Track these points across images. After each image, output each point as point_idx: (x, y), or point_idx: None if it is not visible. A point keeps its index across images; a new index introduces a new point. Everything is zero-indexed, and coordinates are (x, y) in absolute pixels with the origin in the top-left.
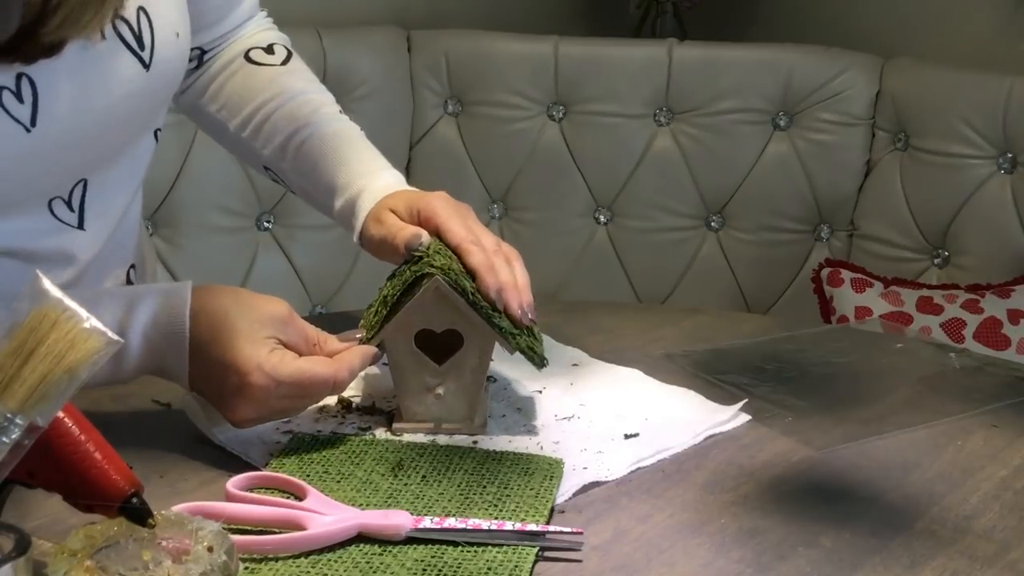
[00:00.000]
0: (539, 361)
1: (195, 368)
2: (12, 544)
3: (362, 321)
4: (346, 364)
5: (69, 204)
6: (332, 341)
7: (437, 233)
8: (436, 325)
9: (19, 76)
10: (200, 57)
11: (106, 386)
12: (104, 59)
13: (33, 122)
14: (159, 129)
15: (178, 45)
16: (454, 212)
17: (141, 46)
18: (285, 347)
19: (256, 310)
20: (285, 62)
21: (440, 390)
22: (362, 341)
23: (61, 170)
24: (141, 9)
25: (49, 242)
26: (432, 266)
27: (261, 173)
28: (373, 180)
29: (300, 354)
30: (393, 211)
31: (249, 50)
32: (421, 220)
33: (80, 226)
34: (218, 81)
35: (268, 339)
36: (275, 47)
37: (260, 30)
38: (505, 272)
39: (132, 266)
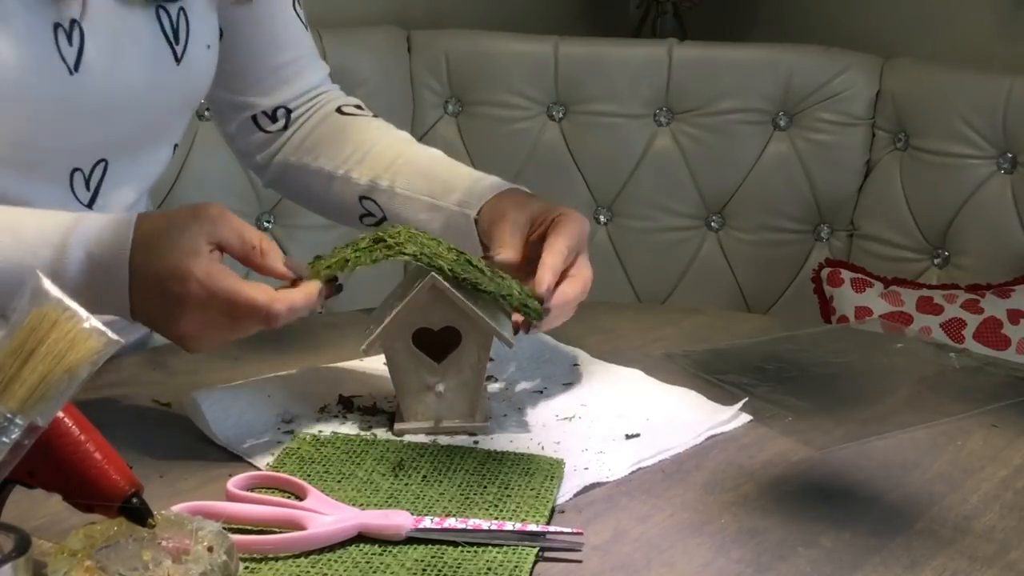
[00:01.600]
0: (535, 313)
1: (137, 291)
2: (12, 544)
3: (310, 264)
4: (285, 298)
5: (88, 181)
6: (274, 256)
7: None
8: (434, 323)
9: (72, 21)
10: (287, 116)
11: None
12: (143, 35)
13: (76, 66)
14: (176, 145)
15: (207, 56)
16: (571, 236)
17: (176, 39)
18: (220, 248)
19: (186, 216)
20: (375, 116)
21: (440, 387)
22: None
23: (90, 134)
24: (181, 9)
25: None
26: (404, 253)
27: (352, 215)
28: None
29: (235, 254)
30: (527, 213)
31: (341, 106)
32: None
33: (89, 205)
34: (315, 134)
35: (203, 244)
36: (362, 107)
37: (343, 96)
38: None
39: None
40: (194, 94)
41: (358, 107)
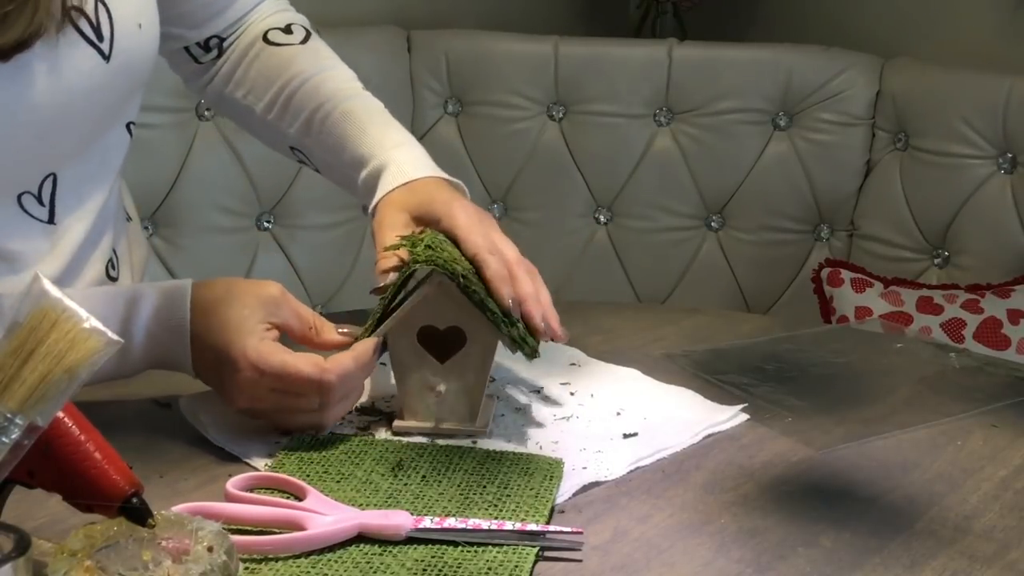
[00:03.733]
0: (530, 352)
1: (197, 357)
2: (12, 544)
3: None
4: (336, 366)
5: (39, 199)
6: (329, 329)
7: (456, 244)
8: (439, 322)
9: None
10: (220, 46)
11: (110, 381)
12: (60, 51)
13: None
14: (132, 123)
15: (140, 35)
16: (476, 223)
17: (100, 37)
18: (278, 328)
19: (247, 295)
20: (304, 41)
21: (441, 388)
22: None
23: (25, 163)
24: (99, 0)
25: (21, 239)
26: (417, 261)
27: (290, 156)
28: (398, 154)
29: (294, 336)
30: (408, 211)
31: (267, 32)
32: (442, 229)
33: (51, 220)
34: (242, 67)
35: (259, 324)
36: (293, 27)
37: (276, 11)
38: (527, 284)
39: (109, 261)
40: (137, 77)
41: (287, 30)
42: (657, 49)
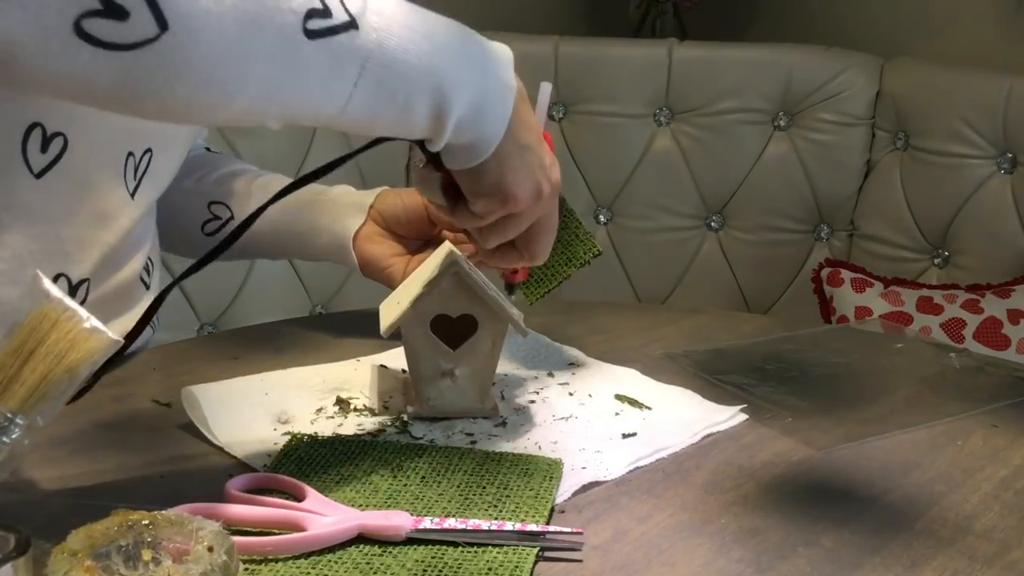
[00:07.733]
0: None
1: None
2: (12, 544)
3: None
4: None
5: (136, 169)
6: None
7: None
8: (452, 310)
9: None
10: None
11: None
12: None
13: None
14: (191, 151)
15: None
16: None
17: None
18: None
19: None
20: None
21: (455, 373)
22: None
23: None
24: None
25: (114, 203)
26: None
27: (190, 232)
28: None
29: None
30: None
31: (208, 148)
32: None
33: (132, 195)
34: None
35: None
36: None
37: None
38: None
39: (148, 260)
40: None
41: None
42: (657, 49)
